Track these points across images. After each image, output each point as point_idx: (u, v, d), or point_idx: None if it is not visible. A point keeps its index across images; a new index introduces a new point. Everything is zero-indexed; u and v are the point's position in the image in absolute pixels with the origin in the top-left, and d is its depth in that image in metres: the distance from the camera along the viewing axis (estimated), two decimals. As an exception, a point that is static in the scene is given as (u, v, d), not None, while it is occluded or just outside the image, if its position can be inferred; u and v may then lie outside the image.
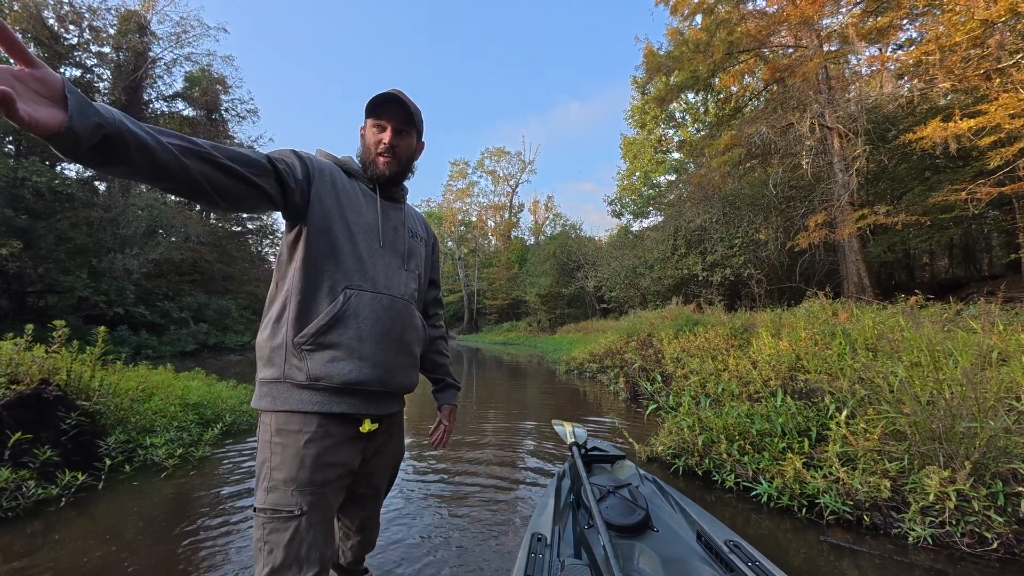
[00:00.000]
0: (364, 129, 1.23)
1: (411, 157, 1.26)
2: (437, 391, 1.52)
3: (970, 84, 7.97)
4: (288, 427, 1.05)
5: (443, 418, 1.48)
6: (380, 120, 1.18)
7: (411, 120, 1.20)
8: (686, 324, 7.21)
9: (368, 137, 1.21)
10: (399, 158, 1.21)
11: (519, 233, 45.82)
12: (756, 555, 1.32)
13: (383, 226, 1.20)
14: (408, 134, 1.22)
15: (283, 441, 1.04)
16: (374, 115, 1.18)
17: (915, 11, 9.45)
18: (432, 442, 1.45)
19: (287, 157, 1.06)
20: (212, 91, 23.05)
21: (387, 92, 1.16)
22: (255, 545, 1.02)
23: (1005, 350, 2.92)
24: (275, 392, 1.07)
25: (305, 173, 1.08)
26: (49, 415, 2.79)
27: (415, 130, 1.23)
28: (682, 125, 23.29)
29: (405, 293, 1.21)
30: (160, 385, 4.45)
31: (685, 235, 14.82)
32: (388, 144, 1.18)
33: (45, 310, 14.63)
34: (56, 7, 16.50)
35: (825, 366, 3.48)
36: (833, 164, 10.78)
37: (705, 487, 2.83)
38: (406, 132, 1.21)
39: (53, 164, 16.02)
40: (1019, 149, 6.87)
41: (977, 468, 2.07)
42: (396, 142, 1.19)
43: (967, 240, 15.36)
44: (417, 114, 1.21)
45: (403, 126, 1.20)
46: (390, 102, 1.16)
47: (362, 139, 1.24)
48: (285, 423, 1.05)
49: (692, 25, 13.41)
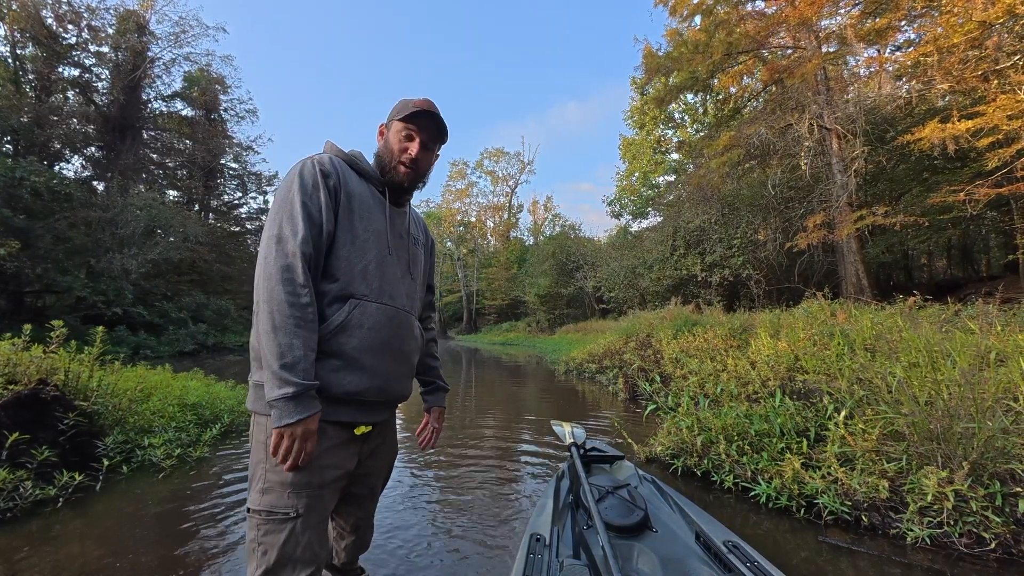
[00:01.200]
0: (388, 130, 1.21)
1: (428, 171, 1.26)
2: (427, 393, 1.52)
3: (968, 85, 7.99)
4: None
5: (432, 420, 1.48)
6: (411, 129, 1.17)
7: (441, 138, 1.21)
8: (685, 324, 7.22)
9: (393, 141, 1.19)
10: (419, 171, 1.21)
11: (518, 233, 45.85)
12: (755, 555, 1.32)
13: (391, 233, 1.20)
14: (433, 150, 1.23)
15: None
16: (407, 121, 1.17)
17: (913, 12, 9.47)
18: (420, 443, 1.45)
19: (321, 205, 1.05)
20: (211, 91, 23.05)
21: (425, 102, 1.16)
22: (248, 546, 1.02)
23: (1003, 351, 2.92)
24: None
25: (336, 205, 1.09)
26: (47, 415, 2.78)
27: (440, 147, 1.24)
28: (681, 126, 23.31)
29: (407, 304, 1.21)
30: (158, 385, 4.44)
31: (684, 236, 14.84)
32: (414, 156, 1.17)
33: (43, 310, 14.59)
34: (55, 6, 16.47)
35: (824, 366, 3.49)
36: (832, 165, 10.80)
37: (704, 487, 2.83)
38: (432, 148, 1.22)
39: (51, 164, 16.01)
40: (1017, 150, 6.89)
41: (975, 468, 2.08)
42: (422, 155, 1.19)
43: (965, 241, 15.40)
44: (446, 134, 1.22)
45: (432, 142, 1.20)
46: (427, 116, 1.16)
47: (384, 139, 1.22)
48: None
49: (691, 26, 13.43)
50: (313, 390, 0.97)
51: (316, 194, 1.05)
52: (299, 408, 0.94)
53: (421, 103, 1.16)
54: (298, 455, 0.95)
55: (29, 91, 16.49)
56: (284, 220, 1.01)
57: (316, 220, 1.03)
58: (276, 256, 0.98)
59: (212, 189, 25.75)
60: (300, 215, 1.01)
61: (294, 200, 1.02)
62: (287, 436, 0.94)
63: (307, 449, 0.96)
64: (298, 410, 0.93)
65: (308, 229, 1.01)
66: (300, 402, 0.94)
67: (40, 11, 15.97)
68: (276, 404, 0.93)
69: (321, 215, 1.04)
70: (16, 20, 15.25)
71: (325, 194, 1.06)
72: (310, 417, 0.95)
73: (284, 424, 0.93)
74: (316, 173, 1.06)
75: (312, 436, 0.97)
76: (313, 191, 1.05)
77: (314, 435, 0.97)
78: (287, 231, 0.99)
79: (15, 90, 15.31)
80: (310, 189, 1.05)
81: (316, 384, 0.97)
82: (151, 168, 21.89)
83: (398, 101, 1.22)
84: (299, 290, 0.97)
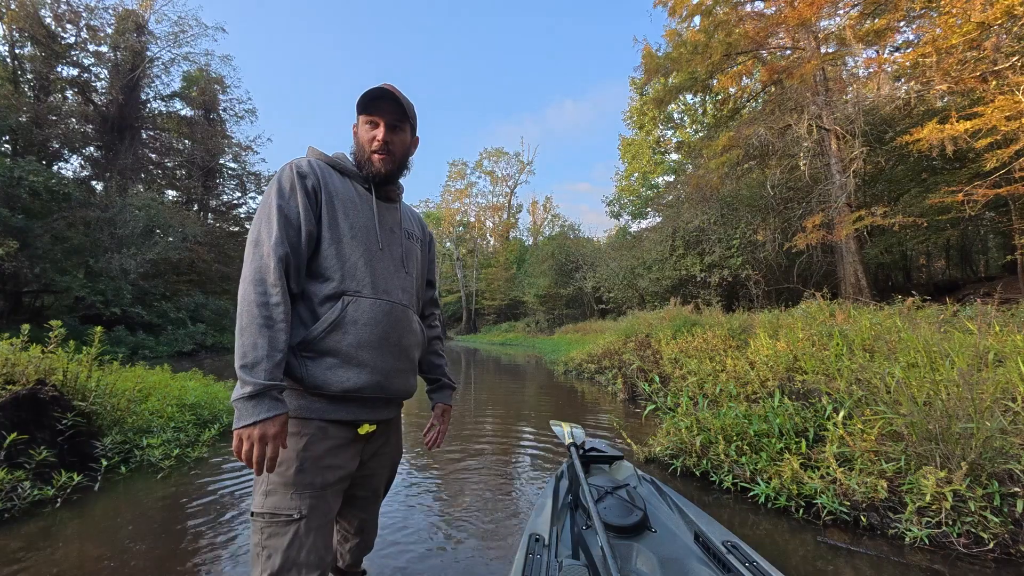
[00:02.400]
0: (357, 127, 1.21)
1: (406, 153, 1.24)
2: (432, 390, 1.50)
3: (966, 86, 8.01)
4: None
5: (436, 418, 1.46)
6: (373, 116, 1.16)
7: (404, 115, 1.18)
8: (684, 325, 7.22)
9: (361, 135, 1.19)
10: (394, 155, 1.19)
11: (517, 234, 45.90)
12: (754, 556, 1.32)
13: (380, 228, 1.18)
14: (402, 129, 1.20)
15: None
16: (366, 111, 1.16)
17: (912, 13, 9.49)
18: (426, 443, 1.43)
19: (299, 206, 1.06)
20: (210, 91, 23.01)
21: (378, 87, 1.14)
22: (252, 551, 1.00)
23: (1001, 351, 2.93)
24: None
25: (317, 204, 1.10)
26: (45, 416, 2.78)
27: (408, 125, 1.21)
28: (680, 126, 23.33)
29: (403, 298, 1.20)
30: (157, 385, 4.44)
31: (683, 236, 14.85)
32: (382, 141, 1.16)
33: (41, 310, 14.58)
34: (53, 6, 16.45)
35: (822, 367, 3.49)
36: (831, 165, 10.81)
37: (703, 488, 2.83)
38: (400, 128, 1.19)
39: (50, 163, 15.98)
40: (1015, 151, 6.90)
41: (973, 469, 2.08)
42: (390, 138, 1.17)
43: (963, 242, 15.44)
44: (410, 108, 1.19)
45: (397, 121, 1.18)
46: (382, 98, 1.15)
47: (355, 137, 1.21)
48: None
49: (690, 27, 13.43)
50: (276, 391, 0.93)
51: (293, 196, 1.06)
52: (257, 409, 0.90)
53: (374, 90, 1.14)
54: (260, 459, 0.91)
55: (28, 90, 16.47)
56: (262, 225, 1.03)
57: (293, 222, 1.04)
58: (252, 259, 0.99)
59: (211, 189, 25.71)
60: (276, 218, 1.03)
61: (271, 204, 1.04)
62: (245, 439, 0.90)
63: (268, 453, 0.91)
64: (256, 411, 0.90)
65: (283, 230, 1.02)
66: (259, 403, 0.90)
67: (39, 10, 15.94)
68: (236, 404, 0.91)
69: (299, 216, 1.05)
70: (15, 19, 15.23)
71: (303, 195, 1.07)
72: (270, 420, 0.91)
73: (241, 426, 0.90)
74: (293, 176, 1.08)
75: (273, 440, 0.91)
76: (290, 194, 1.06)
77: (277, 439, 0.92)
78: (264, 235, 1.01)
79: (13, 89, 15.29)
80: (287, 192, 1.07)
81: (279, 385, 0.94)
82: (150, 168, 21.86)
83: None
84: (269, 290, 0.97)
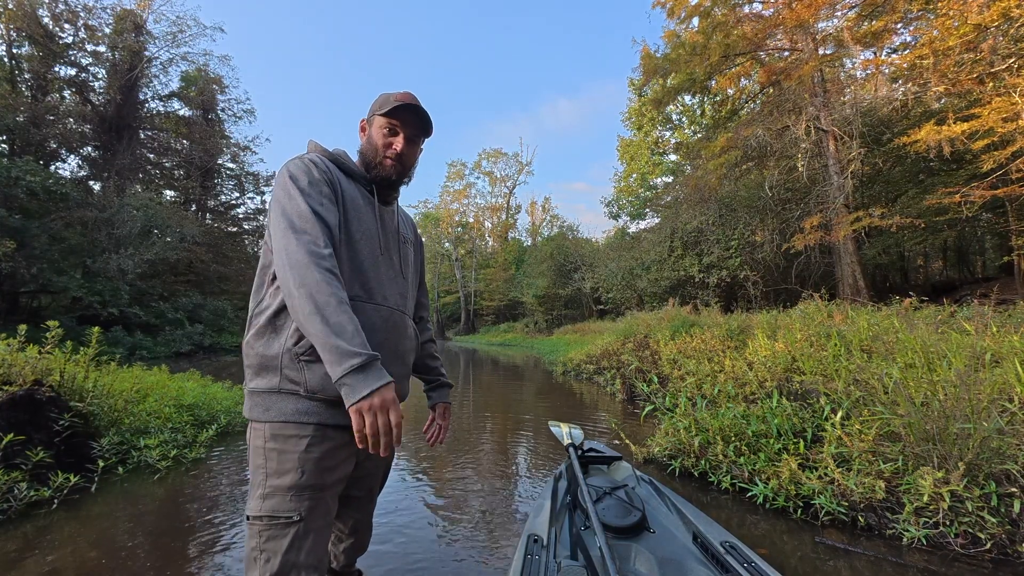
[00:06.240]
0: (370, 125, 1.19)
1: (413, 166, 1.24)
2: (430, 390, 1.50)
3: (963, 88, 8.04)
4: (284, 432, 1.01)
5: (437, 416, 1.46)
6: (394, 123, 1.15)
7: (426, 132, 1.19)
8: (682, 325, 7.23)
9: (376, 136, 1.17)
10: (404, 166, 1.19)
11: (516, 234, 45.88)
12: (752, 556, 1.32)
13: (382, 233, 1.18)
14: (417, 144, 1.21)
15: (280, 447, 1.00)
16: (390, 116, 1.15)
17: (909, 15, 9.54)
18: (428, 440, 1.42)
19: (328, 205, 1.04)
20: (208, 91, 22.97)
21: (408, 98, 1.14)
22: (248, 555, 0.98)
23: (998, 352, 2.94)
24: (268, 403, 1.02)
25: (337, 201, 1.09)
26: (42, 416, 2.77)
27: (424, 140, 1.23)
28: (679, 127, 23.39)
29: (401, 304, 1.20)
30: (155, 386, 4.42)
31: (681, 237, 14.88)
32: (399, 152, 1.16)
33: (38, 310, 14.52)
34: (51, 6, 16.41)
35: (820, 367, 3.50)
36: (828, 167, 10.85)
37: (701, 488, 2.83)
38: (416, 142, 1.20)
39: (47, 163, 15.94)
40: (1012, 152, 6.94)
41: (971, 469, 2.08)
42: (407, 150, 1.17)
43: (961, 243, 15.49)
44: (431, 126, 1.20)
45: (415, 136, 1.18)
46: (410, 110, 1.14)
47: (366, 135, 1.20)
48: (281, 429, 1.01)
49: (689, 28, 13.45)
50: (378, 361, 0.90)
51: (320, 185, 1.05)
52: (369, 379, 0.87)
53: (403, 96, 1.14)
54: (388, 428, 0.87)
55: (25, 90, 16.43)
56: (292, 213, 0.98)
57: (321, 214, 1.02)
58: (297, 244, 0.93)
59: (209, 189, 25.64)
60: (305, 208, 0.99)
61: (297, 190, 1.00)
62: (366, 412, 0.85)
63: (394, 421, 0.88)
64: (368, 380, 0.86)
65: (320, 218, 1.00)
66: (370, 372, 0.87)
67: (36, 10, 15.90)
68: (344, 381, 0.86)
69: (323, 207, 1.03)
70: (12, 19, 15.20)
71: (328, 187, 1.06)
72: (385, 386, 0.88)
73: (359, 398, 0.85)
74: (311, 167, 1.06)
75: (392, 406, 0.88)
76: (319, 181, 1.05)
77: (394, 405, 0.89)
78: (297, 222, 0.97)
79: (11, 89, 15.26)
80: (316, 180, 1.05)
81: (378, 356, 0.91)
82: (148, 168, 21.80)
83: (379, 95, 1.20)
84: (333, 270, 0.94)
